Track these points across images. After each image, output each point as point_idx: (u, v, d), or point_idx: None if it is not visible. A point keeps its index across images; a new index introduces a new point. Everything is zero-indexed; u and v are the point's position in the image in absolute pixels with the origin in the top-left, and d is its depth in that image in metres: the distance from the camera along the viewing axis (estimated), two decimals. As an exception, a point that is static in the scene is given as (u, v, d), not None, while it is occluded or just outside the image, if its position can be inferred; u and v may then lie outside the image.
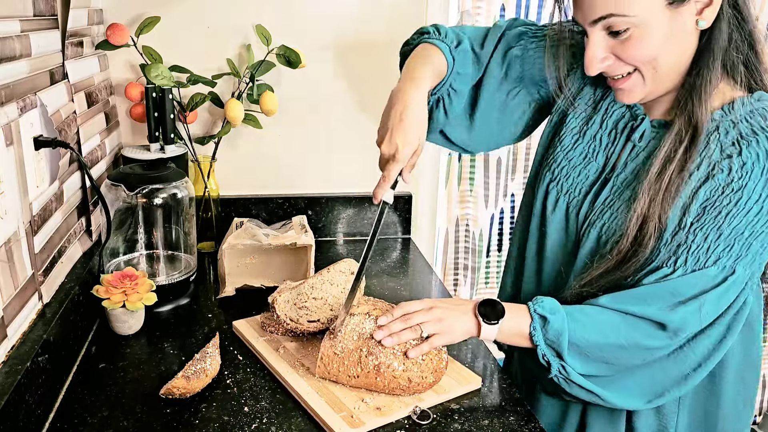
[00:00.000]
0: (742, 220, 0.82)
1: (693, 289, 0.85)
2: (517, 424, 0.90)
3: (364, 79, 1.56)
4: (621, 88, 0.87)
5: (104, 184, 1.19)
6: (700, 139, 0.84)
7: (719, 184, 0.83)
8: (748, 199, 0.82)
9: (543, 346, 0.88)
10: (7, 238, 0.83)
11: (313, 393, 0.92)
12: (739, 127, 0.84)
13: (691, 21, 0.80)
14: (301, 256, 1.33)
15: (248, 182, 1.58)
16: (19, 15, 0.94)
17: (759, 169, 0.81)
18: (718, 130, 0.85)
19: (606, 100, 0.98)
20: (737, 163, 0.82)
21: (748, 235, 0.82)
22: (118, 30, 1.34)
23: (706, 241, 0.83)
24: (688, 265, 0.85)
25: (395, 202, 1.64)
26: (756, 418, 2.38)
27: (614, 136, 0.96)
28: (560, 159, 1.01)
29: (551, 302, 0.90)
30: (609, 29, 0.81)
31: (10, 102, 0.87)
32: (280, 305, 1.03)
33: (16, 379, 0.79)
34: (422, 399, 0.92)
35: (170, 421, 0.89)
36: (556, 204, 1.00)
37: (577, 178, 0.98)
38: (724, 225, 0.83)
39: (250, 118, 1.47)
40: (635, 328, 0.86)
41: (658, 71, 0.83)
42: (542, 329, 0.88)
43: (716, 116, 0.85)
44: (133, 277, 1.09)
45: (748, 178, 0.82)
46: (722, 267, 0.84)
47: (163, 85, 1.33)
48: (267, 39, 1.43)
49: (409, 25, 1.54)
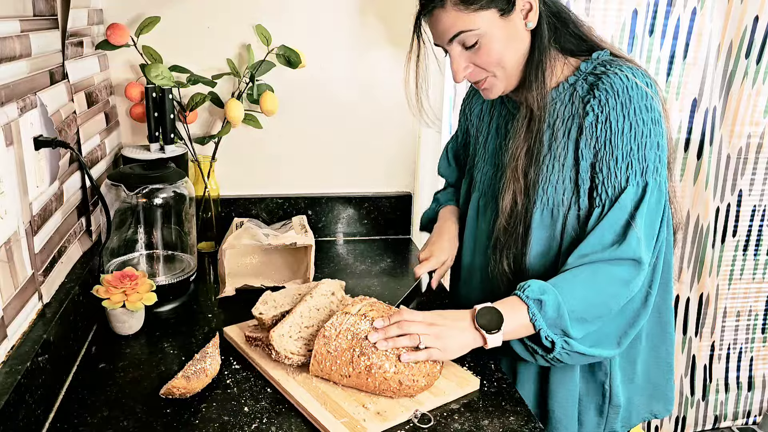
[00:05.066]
0: (624, 139, 0.97)
1: (624, 213, 0.97)
2: (517, 424, 0.90)
3: (364, 78, 1.56)
4: (484, 88, 1.05)
5: (104, 184, 1.19)
6: (539, 115, 1.01)
7: (591, 123, 0.99)
8: (616, 121, 0.97)
9: (546, 328, 0.94)
10: (7, 238, 0.83)
11: (312, 400, 0.91)
12: (588, 80, 1.02)
13: (521, 24, 0.99)
14: (301, 256, 1.33)
15: (248, 182, 1.58)
16: (19, 15, 0.94)
17: (612, 97, 0.97)
18: (576, 88, 1.02)
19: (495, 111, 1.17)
20: (595, 103, 0.98)
21: (636, 148, 0.97)
22: (118, 30, 1.34)
23: (610, 170, 0.98)
24: (610, 196, 0.98)
25: (394, 202, 1.64)
26: (756, 417, 2.38)
27: (506, 135, 1.12)
28: (479, 178, 1.19)
29: (537, 283, 0.96)
30: (463, 44, 0.99)
31: (10, 102, 0.87)
32: (276, 342, 0.97)
33: (16, 379, 0.79)
34: (422, 402, 0.92)
35: (170, 421, 0.89)
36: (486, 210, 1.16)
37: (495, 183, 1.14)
38: (614, 150, 0.97)
39: (250, 118, 1.47)
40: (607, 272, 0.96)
41: (506, 69, 1.01)
42: (540, 312, 0.93)
43: (570, 80, 1.03)
44: (133, 277, 1.09)
45: (608, 106, 0.97)
46: (635, 183, 0.97)
47: (163, 85, 1.33)
48: (267, 39, 1.43)
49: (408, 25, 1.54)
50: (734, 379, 2.29)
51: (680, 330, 2.15)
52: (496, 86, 1.04)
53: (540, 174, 1.03)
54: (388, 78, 1.57)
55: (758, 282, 2.17)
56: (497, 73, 1.02)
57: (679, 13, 1.77)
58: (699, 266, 2.07)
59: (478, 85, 1.06)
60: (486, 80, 1.03)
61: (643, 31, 1.77)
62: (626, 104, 0.96)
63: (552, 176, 1.03)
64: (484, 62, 1.00)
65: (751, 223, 2.09)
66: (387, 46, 1.55)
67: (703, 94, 1.87)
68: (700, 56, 1.83)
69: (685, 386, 2.24)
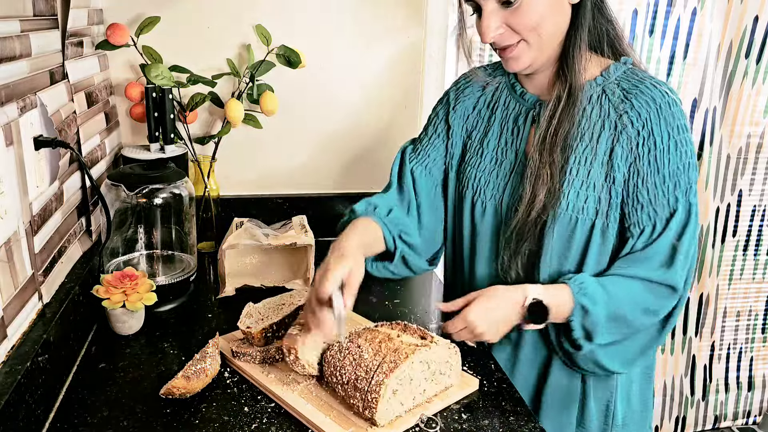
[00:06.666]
0: (670, 158, 0.95)
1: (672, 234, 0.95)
2: (517, 424, 0.90)
3: (363, 78, 1.56)
4: (510, 56, 0.97)
5: (104, 184, 1.19)
6: (577, 95, 0.97)
7: (631, 136, 0.96)
8: (660, 139, 0.94)
9: (579, 334, 0.96)
10: (7, 238, 0.83)
11: (316, 412, 0.89)
12: (621, 86, 0.98)
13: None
14: (301, 256, 1.33)
15: (248, 182, 1.58)
16: (19, 15, 0.94)
17: (653, 113, 0.94)
18: (605, 93, 0.98)
19: (498, 107, 1.09)
20: (634, 115, 0.95)
21: (682, 168, 0.95)
22: (118, 30, 1.34)
23: (656, 188, 0.95)
24: (660, 213, 0.96)
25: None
26: (756, 417, 2.38)
27: (517, 130, 1.06)
28: (474, 174, 1.10)
29: (593, 286, 0.95)
30: (500, 0, 0.92)
31: (10, 102, 0.87)
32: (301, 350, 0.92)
33: (16, 379, 0.78)
34: (426, 407, 0.92)
35: (170, 421, 0.88)
36: (484, 210, 1.08)
37: (496, 180, 1.07)
38: (660, 168, 0.95)
39: (250, 118, 1.47)
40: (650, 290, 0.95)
41: (542, 38, 0.94)
42: (582, 319, 0.94)
43: (598, 81, 0.99)
44: (133, 277, 1.09)
45: (650, 123, 0.95)
46: (683, 204, 0.95)
47: (163, 85, 1.33)
48: (267, 39, 1.43)
49: (409, 25, 1.54)
50: (734, 379, 2.29)
51: (680, 330, 2.15)
52: (525, 56, 0.96)
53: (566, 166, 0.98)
54: (388, 78, 1.57)
55: (758, 282, 2.17)
56: (530, 40, 0.94)
57: (679, 13, 1.77)
58: (699, 266, 2.07)
59: (504, 53, 0.98)
60: (517, 46, 0.96)
61: (643, 32, 1.78)
62: (670, 121, 0.94)
63: (576, 180, 0.98)
64: (519, 24, 0.93)
65: (751, 223, 2.09)
66: (387, 45, 1.55)
67: (703, 94, 1.87)
68: (700, 56, 1.83)
69: (685, 386, 2.24)
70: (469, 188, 1.10)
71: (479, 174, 1.09)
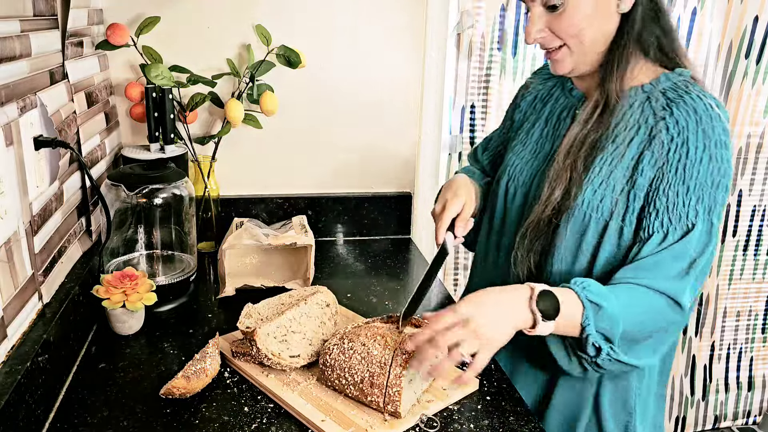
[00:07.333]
0: (700, 170, 0.90)
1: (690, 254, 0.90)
2: (517, 424, 0.90)
3: (363, 78, 1.56)
4: (553, 59, 0.98)
5: (104, 184, 1.19)
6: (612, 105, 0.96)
7: (664, 142, 0.92)
8: (695, 149, 0.90)
9: (594, 335, 0.87)
10: (7, 238, 0.83)
11: (316, 412, 0.89)
12: (666, 95, 0.95)
13: (614, 4, 0.93)
14: (301, 256, 1.33)
15: (248, 182, 1.58)
16: (19, 15, 0.94)
17: (692, 122, 0.91)
18: (649, 100, 0.96)
19: (550, 101, 1.11)
20: (672, 122, 0.92)
21: (710, 185, 0.91)
22: (118, 30, 1.34)
23: (678, 196, 0.91)
24: (674, 224, 0.91)
25: (394, 202, 1.64)
26: (756, 417, 2.38)
27: (558, 124, 1.07)
28: (513, 161, 1.12)
29: (597, 286, 0.89)
30: (546, 4, 0.93)
31: (10, 102, 0.87)
32: (260, 338, 0.94)
33: (16, 379, 0.79)
34: (426, 407, 0.92)
35: (170, 421, 0.89)
36: (514, 196, 1.10)
37: (530, 169, 1.08)
38: (686, 178, 0.91)
39: (250, 118, 1.47)
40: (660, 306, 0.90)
41: (583, 44, 0.94)
42: (595, 317, 0.87)
43: (646, 88, 0.97)
44: (133, 277, 1.09)
45: (687, 131, 0.91)
46: (703, 220, 0.91)
47: (163, 85, 1.33)
48: (267, 39, 1.43)
49: (408, 25, 1.54)
50: (734, 379, 2.29)
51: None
52: (567, 60, 0.97)
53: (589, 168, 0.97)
54: (389, 78, 1.57)
55: (758, 282, 2.17)
56: (572, 46, 0.95)
57: (679, 13, 1.77)
58: (699, 266, 2.07)
59: (548, 55, 0.99)
60: (559, 50, 0.96)
61: (643, 31, 1.77)
62: (709, 134, 0.90)
63: (596, 178, 0.96)
64: (561, 29, 0.94)
65: (751, 223, 2.09)
66: (387, 45, 1.55)
67: (703, 94, 1.87)
68: (700, 56, 1.83)
69: (685, 386, 2.24)
70: (505, 173, 1.12)
71: (517, 161, 1.11)
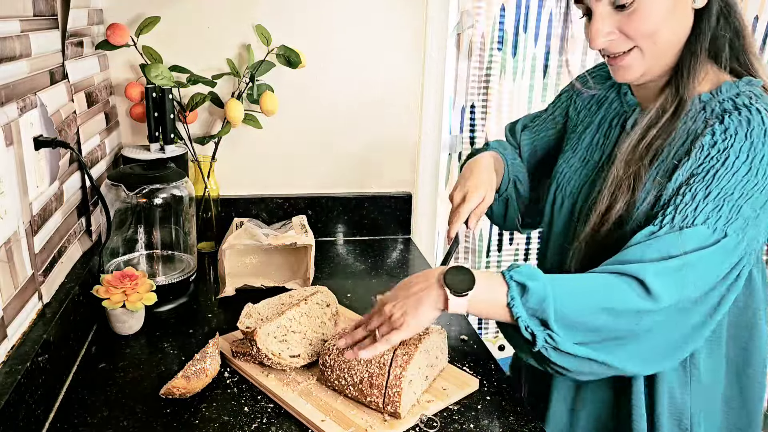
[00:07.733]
0: (731, 180, 0.82)
1: (679, 248, 0.80)
2: (517, 424, 0.90)
3: (363, 78, 1.56)
4: (620, 65, 0.89)
5: (104, 184, 1.19)
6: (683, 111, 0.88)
7: (704, 146, 0.84)
8: (735, 158, 0.82)
9: (525, 317, 0.79)
10: (7, 238, 0.83)
11: (316, 412, 0.89)
12: (723, 105, 0.87)
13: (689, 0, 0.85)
14: (301, 256, 1.33)
15: (248, 182, 1.58)
16: (19, 15, 0.94)
17: (743, 132, 0.83)
18: (705, 110, 0.88)
19: (604, 105, 1.05)
20: (719, 129, 0.84)
21: (738, 196, 0.81)
22: (118, 30, 1.34)
23: (695, 200, 0.83)
24: (675, 222, 0.82)
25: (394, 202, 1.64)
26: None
27: (609, 132, 1.01)
28: (562, 168, 1.07)
29: (529, 268, 0.82)
30: (614, 3, 0.84)
31: (10, 102, 0.87)
32: (261, 338, 0.94)
33: (16, 379, 0.79)
34: (426, 407, 0.92)
35: (170, 421, 0.89)
36: (562, 206, 1.05)
37: (578, 178, 1.03)
38: (712, 185, 0.82)
39: (250, 118, 1.47)
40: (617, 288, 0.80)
41: (657, 46, 0.86)
42: (521, 298, 0.79)
43: (704, 98, 0.89)
44: (133, 277, 1.09)
45: (733, 139, 0.83)
46: (713, 228, 0.81)
47: (163, 85, 1.33)
48: (267, 39, 1.43)
49: (408, 25, 1.54)
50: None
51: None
52: (637, 65, 0.88)
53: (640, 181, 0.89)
54: (389, 77, 1.57)
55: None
56: (645, 48, 0.86)
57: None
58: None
59: (614, 61, 0.89)
60: (629, 54, 0.87)
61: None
62: (757, 146, 0.82)
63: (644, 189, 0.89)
64: (634, 30, 0.84)
65: None
66: (387, 45, 1.55)
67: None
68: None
69: None
70: (554, 181, 1.07)
71: (566, 169, 1.06)
